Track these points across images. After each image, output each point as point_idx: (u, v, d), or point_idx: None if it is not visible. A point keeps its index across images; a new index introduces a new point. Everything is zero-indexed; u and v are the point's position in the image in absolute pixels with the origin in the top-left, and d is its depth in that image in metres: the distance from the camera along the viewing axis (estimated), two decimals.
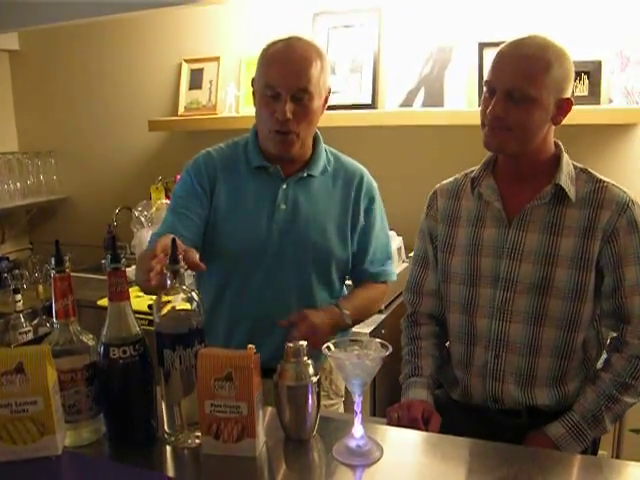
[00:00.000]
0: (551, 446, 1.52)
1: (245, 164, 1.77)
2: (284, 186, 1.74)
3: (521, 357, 1.60)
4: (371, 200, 1.84)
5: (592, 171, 1.61)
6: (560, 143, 1.63)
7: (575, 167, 1.61)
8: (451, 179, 1.78)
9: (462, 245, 1.67)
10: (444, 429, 1.50)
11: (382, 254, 1.89)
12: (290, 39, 1.68)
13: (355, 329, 2.21)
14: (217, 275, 1.78)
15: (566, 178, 1.56)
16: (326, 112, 2.73)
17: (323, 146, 1.82)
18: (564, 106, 1.53)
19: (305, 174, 1.75)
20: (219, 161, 1.77)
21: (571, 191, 1.56)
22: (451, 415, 1.65)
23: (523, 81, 1.47)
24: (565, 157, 1.60)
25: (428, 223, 1.77)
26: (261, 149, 1.76)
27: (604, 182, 1.58)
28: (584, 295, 1.55)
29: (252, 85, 1.74)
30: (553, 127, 1.57)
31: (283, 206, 1.74)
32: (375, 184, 1.87)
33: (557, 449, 1.52)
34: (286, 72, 1.63)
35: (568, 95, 1.53)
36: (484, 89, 1.56)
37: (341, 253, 1.79)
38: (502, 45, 1.55)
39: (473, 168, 1.72)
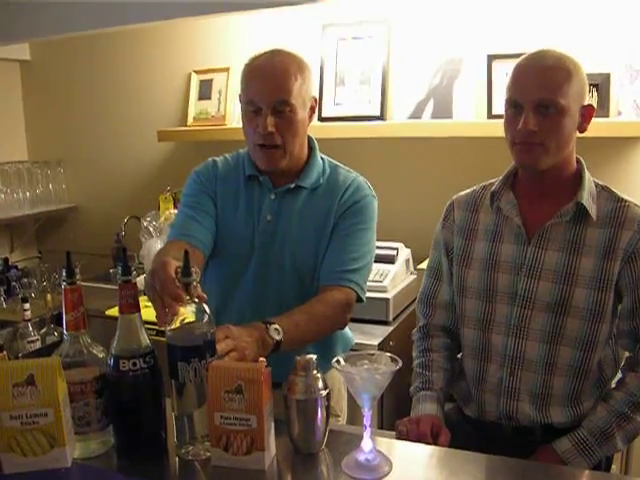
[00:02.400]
0: (558, 461, 1.51)
1: (242, 174, 1.77)
2: (272, 197, 1.73)
3: (537, 375, 1.58)
4: (353, 204, 1.72)
5: (613, 189, 1.59)
6: (582, 159, 1.62)
7: (596, 185, 1.59)
8: (468, 191, 1.75)
9: (479, 259, 1.65)
10: (455, 446, 1.49)
11: (349, 261, 1.68)
12: (270, 53, 1.68)
13: (363, 341, 2.24)
14: (207, 286, 1.78)
15: (588, 196, 1.55)
16: (335, 124, 2.79)
17: (319, 157, 1.78)
18: (587, 113, 1.54)
19: (294, 185, 1.72)
20: (221, 170, 1.79)
21: (592, 210, 1.54)
22: (463, 431, 1.65)
23: (551, 92, 1.47)
24: (587, 174, 1.59)
25: (444, 234, 1.75)
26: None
27: (625, 201, 1.56)
28: (602, 315, 1.54)
29: (240, 100, 1.73)
30: (575, 141, 1.56)
31: (269, 217, 1.72)
32: (368, 192, 1.76)
33: (564, 464, 1.51)
34: (264, 87, 1.63)
35: (588, 102, 1.54)
36: (506, 107, 1.55)
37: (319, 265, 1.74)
38: (519, 60, 1.54)
39: (491, 180, 1.70)
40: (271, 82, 1.63)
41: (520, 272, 1.59)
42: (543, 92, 1.48)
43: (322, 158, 1.80)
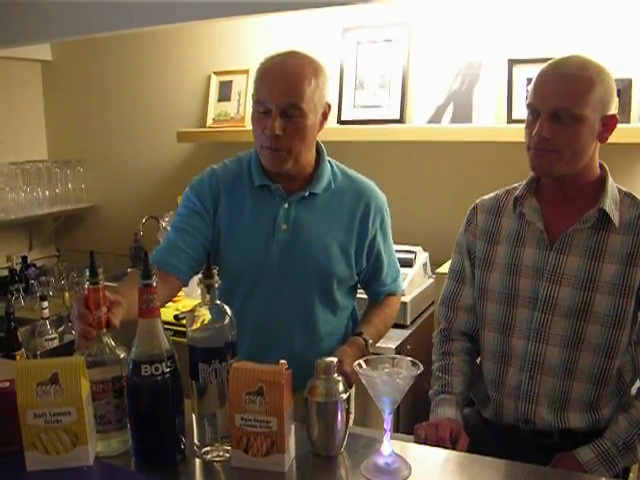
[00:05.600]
0: (579, 470, 1.50)
1: (248, 182, 1.75)
2: (285, 205, 1.71)
3: (556, 380, 1.58)
4: (382, 218, 1.80)
5: (637, 195, 1.59)
6: (605, 165, 1.61)
7: (620, 191, 1.59)
8: (492, 195, 1.76)
9: (500, 263, 1.66)
10: (473, 448, 1.49)
11: (394, 269, 1.90)
12: (286, 54, 1.66)
13: (380, 345, 2.22)
14: (221, 293, 1.78)
15: (610, 203, 1.54)
16: (354, 127, 2.78)
17: (327, 161, 1.78)
18: (609, 123, 1.51)
19: (307, 193, 1.72)
20: (222, 178, 1.76)
21: (615, 216, 1.54)
22: (481, 434, 1.65)
23: (568, 101, 1.46)
24: (610, 180, 1.58)
25: (467, 238, 1.75)
26: (263, 167, 1.73)
27: None
28: (623, 322, 1.53)
29: (252, 99, 1.72)
30: (598, 147, 1.55)
31: (284, 226, 1.71)
32: (384, 198, 1.82)
33: (584, 472, 1.50)
34: (275, 88, 1.61)
35: (612, 111, 1.51)
36: (527, 112, 1.55)
37: (344, 272, 1.76)
38: (544, 66, 1.54)
39: (515, 185, 1.70)
40: (283, 84, 1.61)
41: (542, 277, 1.58)
42: (559, 101, 1.47)
43: (329, 162, 1.79)
